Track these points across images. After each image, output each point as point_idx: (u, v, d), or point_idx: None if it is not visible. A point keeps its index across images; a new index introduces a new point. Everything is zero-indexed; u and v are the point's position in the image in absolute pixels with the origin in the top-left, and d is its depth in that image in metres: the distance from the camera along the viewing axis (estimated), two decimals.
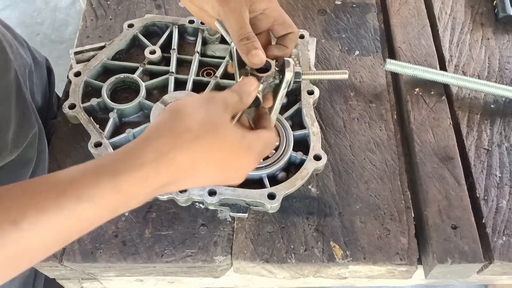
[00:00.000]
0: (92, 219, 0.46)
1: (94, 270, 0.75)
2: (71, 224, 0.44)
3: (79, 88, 0.83)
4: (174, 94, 0.82)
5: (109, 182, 0.45)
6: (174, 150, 0.48)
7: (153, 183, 0.48)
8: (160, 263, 0.73)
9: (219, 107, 0.53)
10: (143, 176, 0.47)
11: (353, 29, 0.99)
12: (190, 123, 0.50)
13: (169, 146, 0.48)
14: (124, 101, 0.84)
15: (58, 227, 0.44)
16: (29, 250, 0.43)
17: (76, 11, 2.43)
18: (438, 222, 0.74)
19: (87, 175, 0.45)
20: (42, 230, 0.43)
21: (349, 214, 0.76)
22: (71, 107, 0.81)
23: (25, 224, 0.42)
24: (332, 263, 0.72)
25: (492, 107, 0.88)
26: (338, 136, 0.85)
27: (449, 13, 1.01)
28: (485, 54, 0.95)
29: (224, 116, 0.52)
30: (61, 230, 0.44)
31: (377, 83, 0.91)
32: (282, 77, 0.60)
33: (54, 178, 0.45)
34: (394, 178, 0.80)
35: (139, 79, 0.85)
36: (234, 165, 0.54)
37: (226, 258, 0.73)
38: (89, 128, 0.78)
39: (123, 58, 0.92)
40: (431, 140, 0.83)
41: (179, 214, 0.76)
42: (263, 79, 0.60)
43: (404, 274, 0.75)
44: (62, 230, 0.44)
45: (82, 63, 0.87)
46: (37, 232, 0.43)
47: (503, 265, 0.73)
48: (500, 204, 0.77)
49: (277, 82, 0.61)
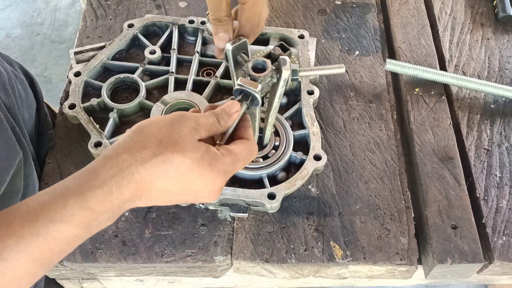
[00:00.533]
0: (69, 239, 0.48)
1: (94, 270, 0.75)
2: (50, 246, 0.47)
3: (79, 88, 0.83)
4: (174, 94, 0.82)
5: (76, 202, 0.48)
6: (132, 166, 0.50)
7: (118, 198, 0.50)
8: (160, 263, 0.73)
9: (185, 126, 0.54)
10: (106, 191, 0.49)
11: (353, 29, 0.99)
12: (150, 141, 0.52)
13: (128, 163, 0.50)
14: (124, 101, 0.85)
15: (38, 251, 0.46)
16: (15, 280, 0.45)
17: (76, 11, 2.43)
18: (438, 222, 0.74)
19: (56, 198, 0.48)
20: (23, 256, 0.45)
21: (349, 214, 0.76)
22: (71, 107, 0.81)
23: (7, 254, 0.44)
24: (332, 263, 0.72)
25: (492, 107, 0.88)
26: (338, 136, 0.85)
27: (449, 13, 1.01)
28: (485, 54, 0.95)
29: (187, 135, 0.53)
30: (42, 254, 0.46)
31: (377, 83, 0.91)
32: (279, 75, 0.60)
33: (26, 206, 0.47)
34: (394, 178, 0.80)
35: (139, 79, 0.85)
36: (198, 181, 0.54)
37: (226, 258, 0.73)
38: (89, 128, 0.78)
39: (123, 58, 0.92)
40: (431, 140, 0.83)
41: (179, 214, 0.76)
42: (260, 79, 0.60)
43: (404, 274, 0.75)
44: (42, 253, 0.46)
45: (82, 63, 0.87)
46: (19, 259, 0.45)
47: (503, 265, 0.73)
48: (500, 204, 0.77)
49: (274, 81, 0.61)
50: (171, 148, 0.51)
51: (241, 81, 0.60)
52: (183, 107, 0.82)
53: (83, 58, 0.88)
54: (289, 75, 0.60)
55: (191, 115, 0.56)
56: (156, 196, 0.53)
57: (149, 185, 0.51)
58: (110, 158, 0.51)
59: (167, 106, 0.80)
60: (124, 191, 0.50)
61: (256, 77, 0.60)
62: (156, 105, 0.81)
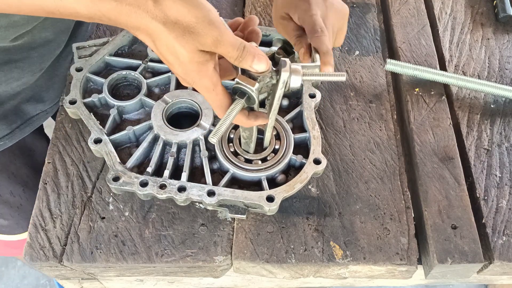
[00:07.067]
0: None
1: (94, 270, 0.75)
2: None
3: (80, 83, 0.83)
4: (175, 93, 0.82)
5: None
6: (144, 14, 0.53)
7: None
8: (160, 263, 0.73)
9: (209, 35, 0.55)
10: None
11: (353, 29, 0.99)
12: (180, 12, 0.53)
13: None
14: (125, 97, 0.84)
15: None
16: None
17: None
18: (438, 222, 0.74)
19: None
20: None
21: (349, 214, 0.76)
22: (72, 102, 0.81)
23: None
24: (332, 263, 0.72)
25: (492, 107, 0.88)
26: (338, 136, 0.85)
27: (449, 13, 1.01)
28: (485, 54, 0.95)
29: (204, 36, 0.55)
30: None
31: (377, 83, 0.91)
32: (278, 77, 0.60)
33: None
34: (394, 178, 0.80)
35: (141, 76, 0.85)
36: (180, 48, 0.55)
37: (226, 258, 0.73)
38: (90, 124, 0.78)
39: (125, 55, 0.91)
40: (431, 140, 0.83)
41: (179, 214, 0.76)
42: (260, 79, 0.59)
43: (404, 274, 0.75)
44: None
45: (84, 58, 0.86)
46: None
47: (503, 265, 0.73)
48: (500, 204, 0.77)
49: (274, 82, 0.61)
50: (182, 31, 0.53)
51: (239, 77, 0.60)
52: (184, 106, 0.82)
53: (86, 53, 0.87)
54: (288, 77, 0.60)
55: (227, 35, 0.56)
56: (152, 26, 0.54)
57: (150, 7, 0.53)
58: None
59: (168, 105, 0.80)
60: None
61: (255, 76, 0.60)
62: (157, 103, 0.81)
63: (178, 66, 0.57)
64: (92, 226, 0.75)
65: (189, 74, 0.58)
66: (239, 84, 0.60)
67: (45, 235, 0.74)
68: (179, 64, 0.57)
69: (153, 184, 0.72)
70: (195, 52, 0.55)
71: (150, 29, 0.54)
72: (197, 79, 0.59)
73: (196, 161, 0.79)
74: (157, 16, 0.53)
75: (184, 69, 0.58)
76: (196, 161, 0.79)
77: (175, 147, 0.77)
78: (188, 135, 0.78)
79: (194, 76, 0.58)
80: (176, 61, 0.57)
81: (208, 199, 0.71)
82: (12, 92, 0.83)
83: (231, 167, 0.75)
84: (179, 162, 0.78)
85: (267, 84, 0.61)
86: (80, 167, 0.80)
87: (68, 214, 0.76)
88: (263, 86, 0.60)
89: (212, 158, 0.78)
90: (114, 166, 0.74)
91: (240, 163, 0.75)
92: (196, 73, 0.58)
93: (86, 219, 0.75)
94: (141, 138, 0.80)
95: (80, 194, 0.78)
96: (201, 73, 0.58)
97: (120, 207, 0.77)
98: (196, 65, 0.57)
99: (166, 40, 0.54)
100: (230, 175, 0.75)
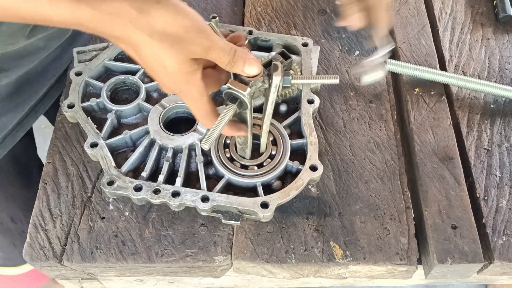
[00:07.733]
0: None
1: (94, 270, 0.75)
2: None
3: (79, 88, 0.83)
4: (173, 98, 0.82)
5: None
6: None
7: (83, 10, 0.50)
8: (160, 263, 0.73)
9: (198, 41, 0.54)
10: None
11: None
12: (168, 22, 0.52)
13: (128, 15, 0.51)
14: (124, 102, 0.84)
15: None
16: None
17: None
18: (438, 222, 0.74)
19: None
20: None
21: (349, 214, 0.76)
22: (70, 106, 0.81)
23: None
24: (332, 263, 0.72)
25: (492, 107, 0.88)
26: (338, 136, 0.85)
27: (449, 13, 1.01)
28: (485, 54, 0.95)
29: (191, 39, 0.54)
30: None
31: (377, 83, 0.91)
32: (270, 81, 0.60)
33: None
34: (394, 178, 0.80)
35: (140, 81, 0.85)
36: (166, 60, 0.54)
37: (226, 258, 0.73)
38: (86, 128, 0.78)
39: (125, 59, 0.91)
40: (431, 140, 0.83)
41: (179, 214, 0.76)
42: (251, 83, 0.59)
43: (404, 274, 0.75)
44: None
45: (84, 62, 0.86)
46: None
47: (503, 265, 0.73)
48: (500, 204, 0.77)
49: (266, 86, 0.60)
50: (170, 43, 0.53)
51: (230, 83, 0.59)
52: (182, 111, 0.82)
53: (85, 58, 0.87)
54: (280, 81, 0.59)
55: (216, 41, 0.56)
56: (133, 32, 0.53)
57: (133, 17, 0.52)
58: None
59: (165, 110, 0.80)
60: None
61: (246, 81, 0.59)
62: (155, 108, 0.80)
63: (164, 76, 0.56)
64: (92, 226, 0.75)
65: (177, 84, 0.57)
66: (231, 89, 0.59)
67: (45, 235, 0.74)
68: (165, 74, 0.56)
69: (147, 189, 0.72)
70: (184, 62, 0.54)
71: (132, 40, 0.53)
72: (185, 89, 0.58)
73: (192, 166, 0.78)
74: (142, 27, 0.51)
75: (172, 79, 0.57)
76: (192, 166, 0.78)
77: (171, 152, 0.76)
78: (184, 140, 0.77)
79: (181, 86, 0.57)
80: (162, 71, 0.56)
81: (201, 205, 0.70)
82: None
83: (226, 172, 0.74)
84: (175, 167, 0.78)
85: (260, 89, 0.60)
86: (80, 167, 0.80)
87: (68, 214, 0.76)
88: (256, 90, 0.60)
89: (208, 163, 0.78)
90: (109, 170, 0.73)
91: (235, 169, 0.75)
92: (184, 83, 0.57)
93: (86, 219, 0.75)
94: (138, 143, 0.80)
95: (80, 194, 0.78)
96: (189, 83, 0.57)
97: (120, 207, 0.77)
98: (185, 75, 0.56)
99: (151, 51, 0.53)
100: (225, 181, 0.74)
